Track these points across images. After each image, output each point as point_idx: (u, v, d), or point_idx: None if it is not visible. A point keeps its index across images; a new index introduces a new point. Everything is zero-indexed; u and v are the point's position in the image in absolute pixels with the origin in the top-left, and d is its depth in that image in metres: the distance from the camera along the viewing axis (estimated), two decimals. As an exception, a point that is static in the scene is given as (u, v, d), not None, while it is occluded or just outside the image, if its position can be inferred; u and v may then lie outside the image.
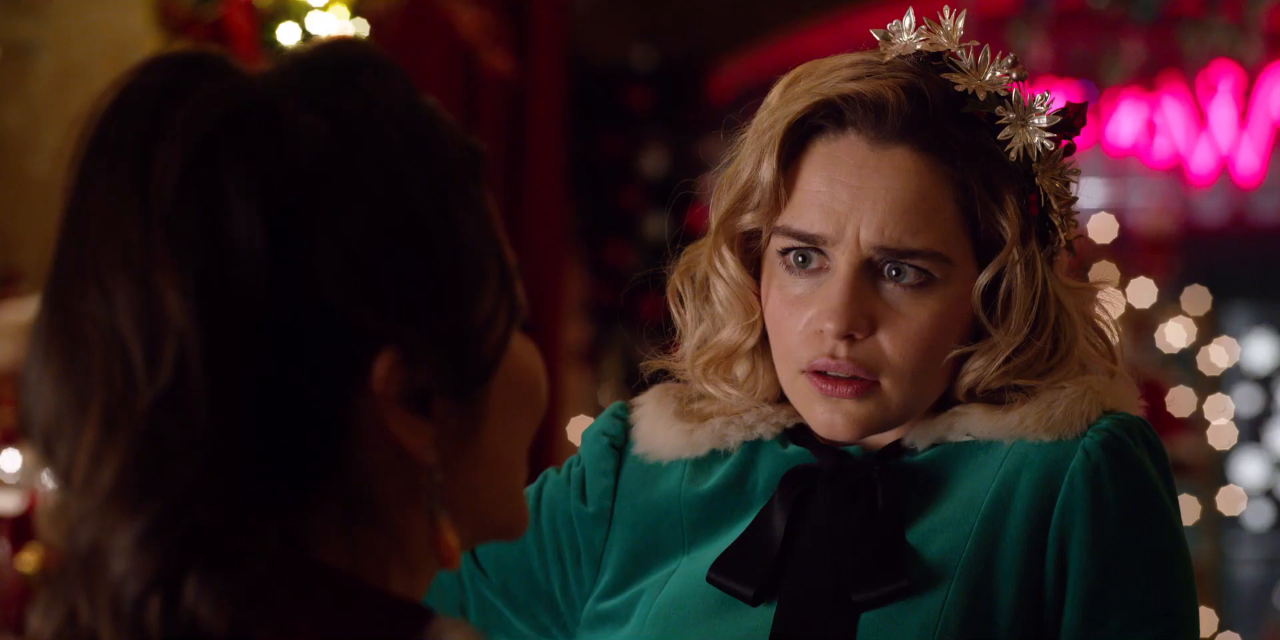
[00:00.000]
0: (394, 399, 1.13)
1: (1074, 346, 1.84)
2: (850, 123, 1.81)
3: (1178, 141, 9.26)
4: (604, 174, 8.08)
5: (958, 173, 1.80)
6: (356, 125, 1.15)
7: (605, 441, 1.95)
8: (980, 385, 1.82)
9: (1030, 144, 1.82)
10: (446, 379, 1.15)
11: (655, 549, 1.88)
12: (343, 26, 4.90)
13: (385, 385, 1.13)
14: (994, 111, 1.82)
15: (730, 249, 1.87)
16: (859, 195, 1.80)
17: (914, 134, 1.80)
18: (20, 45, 5.54)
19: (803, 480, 1.84)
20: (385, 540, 1.17)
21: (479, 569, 1.95)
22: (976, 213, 1.81)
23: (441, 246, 1.14)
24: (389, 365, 1.13)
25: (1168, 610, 1.79)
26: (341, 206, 1.12)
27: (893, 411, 1.82)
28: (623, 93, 8.19)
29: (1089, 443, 1.79)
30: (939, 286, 1.81)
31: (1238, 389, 10.34)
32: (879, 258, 1.80)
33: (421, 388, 1.14)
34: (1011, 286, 1.82)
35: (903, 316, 1.80)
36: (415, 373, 1.13)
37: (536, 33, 6.87)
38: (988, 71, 1.83)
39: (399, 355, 1.13)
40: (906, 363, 1.80)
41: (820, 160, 1.82)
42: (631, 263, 7.87)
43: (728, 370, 1.90)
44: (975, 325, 1.83)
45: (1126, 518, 1.79)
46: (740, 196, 1.86)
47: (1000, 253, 1.81)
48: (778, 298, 1.84)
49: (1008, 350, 1.81)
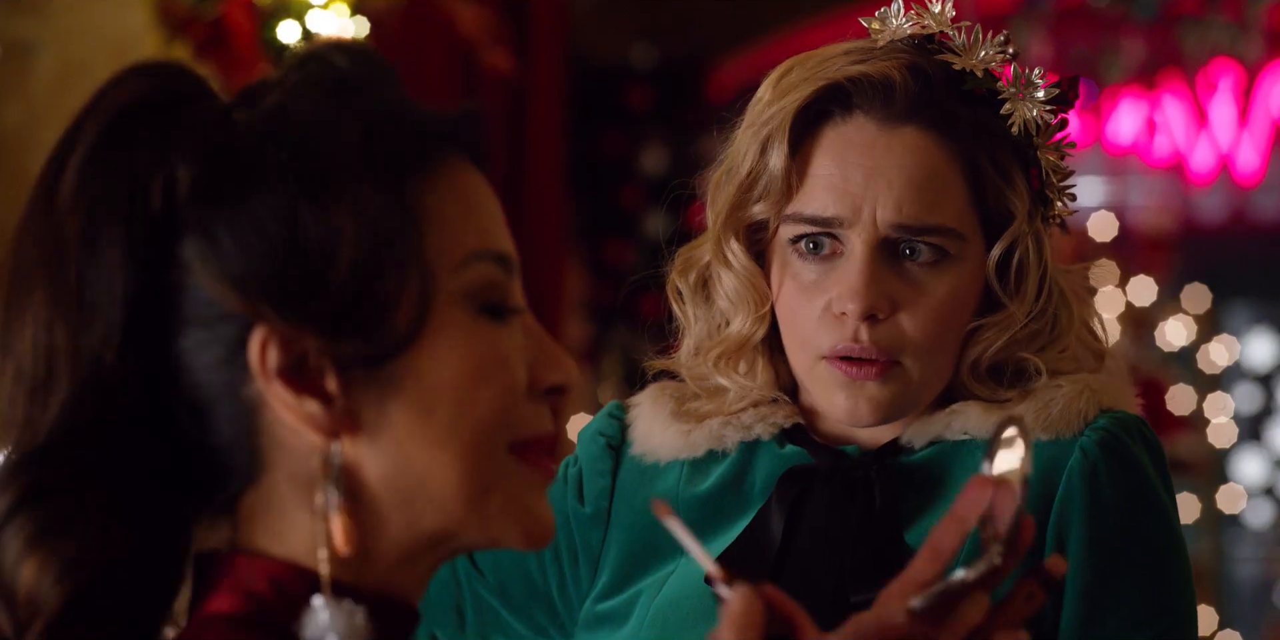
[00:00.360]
0: (274, 376, 1.18)
1: (1071, 322, 1.86)
2: (858, 105, 1.82)
3: (1178, 140, 9.26)
4: (604, 173, 8.08)
5: (967, 149, 1.82)
6: (262, 123, 1.20)
7: (602, 442, 1.95)
8: (986, 355, 1.83)
9: (1030, 118, 1.84)
10: (335, 356, 1.18)
11: (653, 550, 1.88)
12: (343, 25, 4.89)
13: (260, 362, 1.18)
14: (993, 87, 1.84)
15: (738, 240, 1.87)
16: (873, 175, 1.80)
17: (922, 112, 1.81)
18: (20, 44, 5.54)
19: (800, 480, 1.84)
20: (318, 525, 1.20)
21: (476, 569, 1.95)
22: (985, 188, 1.82)
23: (309, 234, 1.17)
24: (261, 342, 1.17)
25: (1165, 609, 1.79)
26: (211, 196, 1.18)
27: (913, 391, 1.82)
28: (623, 92, 8.18)
29: (1086, 441, 1.80)
30: (954, 263, 1.82)
31: (1238, 387, 10.34)
32: (896, 236, 1.80)
33: (310, 366, 1.18)
34: (1024, 259, 1.84)
35: (922, 294, 1.81)
36: (297, 350, 1.18)
37: (537, 32, 6.87)
38: (980, 50, 1.85)
39: (269, 332, 1.17)
40: (927, 339, 1.81)
41: (830, 144, 1.83)
42: (631, 262, 7.86)
43: (736, 364, 1.90)
44: (986, 299, 1.84)
45: (1124, 516, 1.79)
46: (745, 188, 1.86)
47: (1011, 226, 1.83)
48: (791, 286, 1.84)
49: (1024, 319, 1.83)
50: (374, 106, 1.22)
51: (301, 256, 1.17)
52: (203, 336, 1.19)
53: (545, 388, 1.26)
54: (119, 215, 1.18)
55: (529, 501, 1.24)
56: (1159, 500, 1.81)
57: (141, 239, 1.18)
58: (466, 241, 1.23)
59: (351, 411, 1.19)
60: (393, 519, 1.21)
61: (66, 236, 1.19)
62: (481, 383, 1.22)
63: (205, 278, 1.18)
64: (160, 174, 1.19)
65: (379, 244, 1.18)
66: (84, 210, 1.19)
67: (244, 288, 1.17)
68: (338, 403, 1.19)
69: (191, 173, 1.19)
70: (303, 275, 1.17)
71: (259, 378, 1.18)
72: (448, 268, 1.21)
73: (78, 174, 1.19)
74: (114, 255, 1.18)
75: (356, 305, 1.18)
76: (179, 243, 1.19)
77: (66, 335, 1.18)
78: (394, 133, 1.21)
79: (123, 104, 1.20)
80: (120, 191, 1.19)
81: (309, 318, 1.17)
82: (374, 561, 1.21)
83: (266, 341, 1.18)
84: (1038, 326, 1.84)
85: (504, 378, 1.23)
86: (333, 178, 1.19)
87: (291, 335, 1.18)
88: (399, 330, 1.19)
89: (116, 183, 1.19)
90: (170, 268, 1.19)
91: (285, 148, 1.19)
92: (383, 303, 1.18)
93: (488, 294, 1.23)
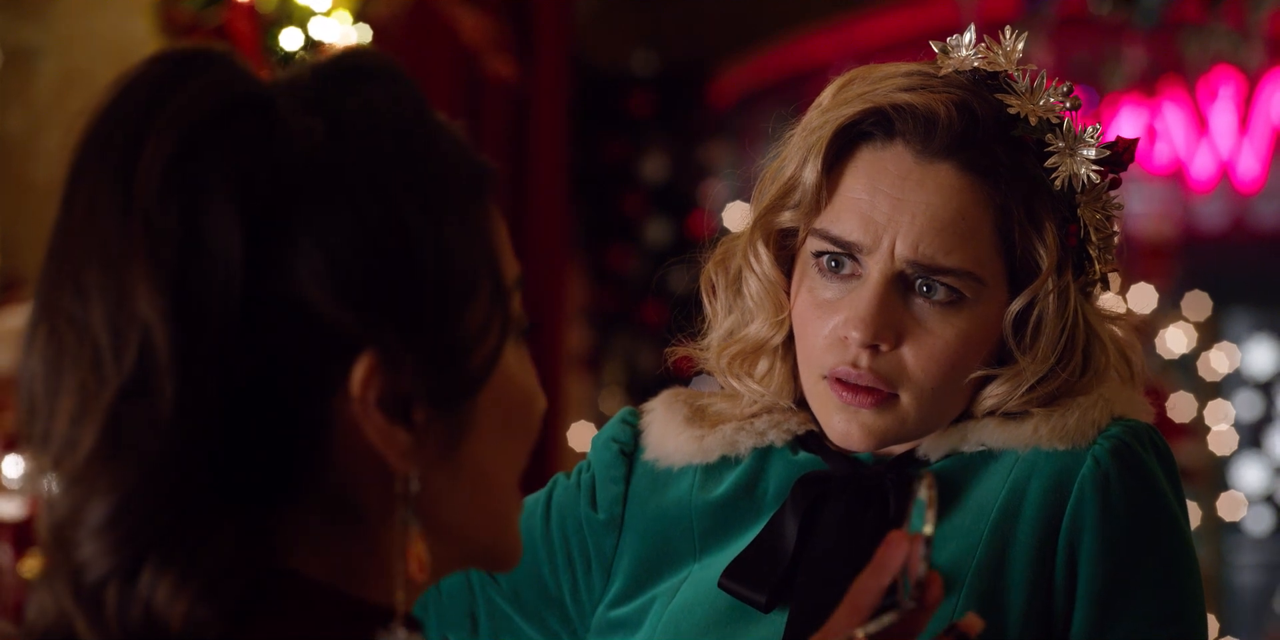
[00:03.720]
0: (372, 404, 1.13)
1: (1103, 374, 1.84)
2: (899, 133, 1.80)
3: (1178, 147, 9.26)
4: (605, 179, 8.08)
5: (1000, 195, 1.79)
6: (353, 130, 1.15)
7: (615, 448, 1.94)
8: (999, 410, 1.82)
9: (1076, 174, 1.81)
10: (429, 387, 1.15)
11: (666, 556, 1.88)
12: (345, 32, 4.90)
13: (363, 389, 1.13)
14: (1043, 138, 1.81)
15: (766, 245, 1.87)
16: (899, 207, 1.79)
17: (961, 152, 1.79)
18: (23, 50, 5.54)
19: (814, 487, 1.84)
20: (362, 549, 1.17)
21: (489, 576, 1.94)
22: (1014, 237, 1.80)
23: (426, 255, 1.13)
24: (368, 369, 1.12)
25: (1176, 616, 1.79)
26: (326, 207, 1.12)
27: (909, 426, 1.81)
28: (624, 98, 8.18)
29: (1098, 450, 1.79)
30: (969, 306, 1.80)
31: (1238, 394, 10.33)
32: (911, 272, 1.79)
33: (403, 395, 1.14)
34: (1043, 315, 1.81)
35: (929, 332, 1.79)
36: (396, 379, 1.13)
37: (539, 38, 6.87)
38: (1042, 97, 1.82)
39: (378, 359, 1.13)
40: (928, 379, 1.79)
41: (865, 167, 1.81)
42: (633, 268, 7.86)
43: (752, 365, 1.89)
44: (1001, 348, 1.82)
45: (1136, 525, 1.79)
46: (782, 193, 1.85)
47: (1035, 281, 1.80)
48: (807, 299, 1.84)
49: (1033, 378, 1.81)
50: (436, 127, 1.18)
51: (419, 276, 1.13)
52: (298, 347, 1.12)
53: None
54: (227, 212, 1.10)
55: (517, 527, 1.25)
56: (1170, 508, 1.81)
57: (251, 240, 1.11)
58: (512, 267, 1.21)
59: (435, 445, 1.16)
60: (451, 545, 1.20)
61: (162, 228, 1.10)
62: (530, 408, 1.22)
63: (313, 288, 1.11)
64: (259, 177, 1.12)
65: (483, 266, 1.16)
66: (181, 205, 1.10)
67: (360, 306, 1.11)
68: (427, 434, 1.15)
69: (291, 177, 1.12)
70: (418, 296, 1.13)
71: (356, 402, 1.12)
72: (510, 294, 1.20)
73: (166, 171, 1.11)
74: (225, 250, 1.10)
75: (455, 332, 1.15)
76: (284, 248, 1.12)
77: (169, 335, 1.10)
78: (456, 154, 1.18)
79: (205, 103, 1.13)
80: (223, 188, 1.10)
81: (417, 346, 1.13)
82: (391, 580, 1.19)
83: (375, 367, 1.12)
84: (1056, 385, 1.81)
85: (541, 403, 1.23)
86: (439, 191, 1.15)
87: (398, 362, 1.13)
88: (485, 359, 1.17)
89: (219, 179, 1.11)
90: (272, 269, 1.11)
91: (383, 159, 1.14)
92: (474, 330, 1.16)
93: (523, 320, 1.21)
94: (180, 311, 1.10)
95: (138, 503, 1.10)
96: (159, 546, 1.10)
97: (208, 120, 1.13)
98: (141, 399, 1.10)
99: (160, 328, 1.10)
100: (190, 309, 1.10)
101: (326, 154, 1.14)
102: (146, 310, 1.10)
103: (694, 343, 1.93)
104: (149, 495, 1.10)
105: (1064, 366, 1.81)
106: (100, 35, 5.46)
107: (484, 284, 1.17)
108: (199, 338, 1.10)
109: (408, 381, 1.14)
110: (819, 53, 8.50)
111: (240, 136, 1.13)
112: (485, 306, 1.17)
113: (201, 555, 1.10)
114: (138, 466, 1.10)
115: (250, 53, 4.78)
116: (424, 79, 5.74)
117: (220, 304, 1.10)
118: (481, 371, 1.17)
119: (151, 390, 1.10)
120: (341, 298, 1.11)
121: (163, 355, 1.10)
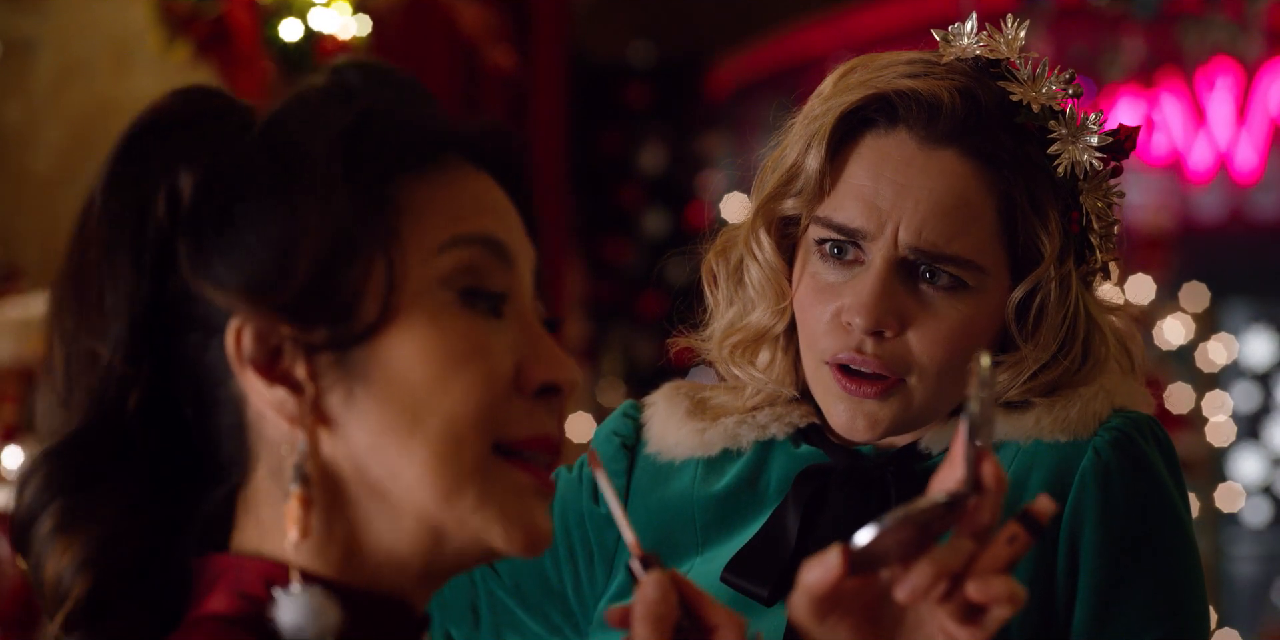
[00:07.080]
0: (246, 364, 1.21)
1: (1103, 364, 1.84)
2: (903, 120, 1.80)
3: (1176, 138, 9.27)
4: (603, 171, 8.08)
5: (1003, 182, 1.79)
6: (260, 126, 1.24)
7: (617, 441, 1.94)
8: (1001, 398, 1.81)
9: (1079, 161, 1.81)
10: (306, 344, 1.21)
11: (669, 549, 1.88)
12: (345, 23, 4.89)
13: (235, 351, 1.21)
14: (1046, 125, 1.81)
15: (768, 232, 1.87)
16: (902, 193, 1.79)
17: (965, 138, 1.79)
18: (21, 42, 5.53)
19: (816, 480, 1.84)
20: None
21: (491, 568, 1.94)
22: (1017, 224, 1.80)
23: (281, 226, 1.21)
24: (236, 331, 1.21)
25: (1177, 607, 1.79)
26: (204, 202, 1.22)
27: (914, 412, 1.81)
28: (621, 90, 8.18)
29: (1099, 441, 1.79)
30: (971, 293, 1.80)
31: (1236, 385, 10.34)
32: (914, 258, 1.79)
33: (279, 355, 1.21)
34: (1045, 303, 1.81)
35: (934, 317, 1.79)
36: (268, 339, 1.21)
37: (537, 29, 6.87)
38: (1044, 84, 1.82)
39: (244, 322, 1.21)
40: (934, 363, 1.79)
41: (868, 154, 1.81)
42: (630, 260, 7.86)
43: (754, 354, 1.89)
44: (1004, 335, 1.82)
45: (1136, 516, 1.78)
46: (784, 181, 1.85)
47: (1037, 268, 1.80)
48: (809, 284, 1.83)
49: (1035, 365, 1.81)
50: (364, 109, 1.24)
51: (269, 248, 1.20)
52: (201, 336, 1.23)
53: (537, 386, 1.25)
54: (130, 228, 1.23)
55: (515, 505, 1.23)
56: (1171, 500, 1.81)
57: (149, 248, 1.23)
58: (448, 228, 1.24)
59: (322, 401, 1.21)
60: (373, 514, 1.22)
61: (90, 255, 1.24)
62: (452, 373, 1.21)
63: (192, 277, 1.22)
64: (165, 185, 1.23)
65: (340, 234, 1.20)
66: (105, 227, 1.24)
67: (221, 282, 1.21)
68: (307, 391, 1.21)
69: (192, 181, 1.22)
70: (271, 266, 1.20)
71: (234, 366, 1.21)
72: (424, 255, 1.22)
73: (100, 194, 1.24)
74: (124, 265, 1.23)
75: (322, 294, 1.20)
76: (178, 249, 1.22)
77: (85, 346, 1.23)
78: (381, 133, 1.23)
79: (141, 123, 1.25)
80: (132, 205, 1.23)
81: (279, 307, 1.20)
82: (362, 558, 1.22)
83: (241, 330, 1.21)
84: (1058, 372, 1.81)
85: (480, 369, 1.22)
86: (303, 175, 1.21)
87: (265, 324, 1.21)
88: (365, 318, 1.21)
89: (129, 197, 1.23)
90: (173, 274, 1.23)
91: (268, 151, 1.22)
92: (349, 291, 1.21)
93: (467, 279, 1.23)
94: (95, 326, 1.24)
95: (65, 451, 1.23)
96: (66, 498, 1.22)
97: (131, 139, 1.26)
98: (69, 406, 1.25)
99: (82, 341, 1.24)
100: (102, 322, 1.24)
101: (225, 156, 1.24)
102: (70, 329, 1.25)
103: (695, 333, 1.93)
104: (77, 446, 1.23)
105: (1065, 354, 1.82)
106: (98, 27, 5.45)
107: (357, 246, 1.21)
108: (104, 342, 1.23)
109: (286, 343, 1.21)
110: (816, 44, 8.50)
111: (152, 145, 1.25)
112: (362, 267, 1.21)
113: (90, 522, 1.22)
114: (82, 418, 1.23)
115: (249, 44, 4.78)
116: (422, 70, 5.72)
117: (121, 312, 1.23)
118: (362, 328, 1.21)
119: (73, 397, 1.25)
120: (207, 276, 1.21)
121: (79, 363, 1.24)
